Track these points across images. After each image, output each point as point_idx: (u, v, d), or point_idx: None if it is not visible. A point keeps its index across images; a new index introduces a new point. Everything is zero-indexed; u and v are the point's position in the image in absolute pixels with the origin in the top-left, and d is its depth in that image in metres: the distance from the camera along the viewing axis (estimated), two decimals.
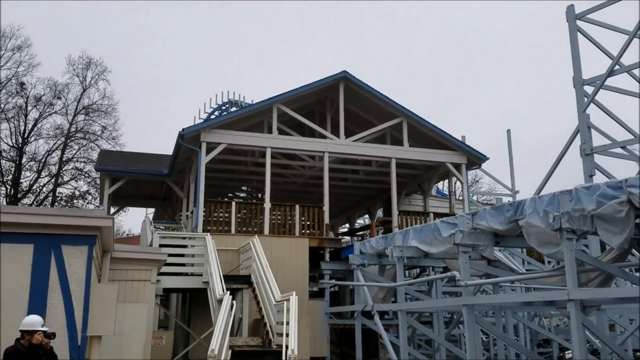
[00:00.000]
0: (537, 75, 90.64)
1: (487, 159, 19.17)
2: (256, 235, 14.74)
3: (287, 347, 9.10)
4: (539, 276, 9.64)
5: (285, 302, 10.62)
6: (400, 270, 12.07)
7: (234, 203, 16.72)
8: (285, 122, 18.61)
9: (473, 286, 9.68)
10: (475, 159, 19.23)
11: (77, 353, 6.72)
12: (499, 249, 12.74)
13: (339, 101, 18.25)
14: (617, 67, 12.82)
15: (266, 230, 16.37)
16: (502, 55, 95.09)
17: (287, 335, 9.52)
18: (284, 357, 8.99)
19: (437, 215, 18.53)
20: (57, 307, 6.81)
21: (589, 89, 13.07)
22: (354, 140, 18.21)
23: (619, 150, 12.55)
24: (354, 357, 17.12)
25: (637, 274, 13.20)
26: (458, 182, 24.54)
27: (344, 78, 18.01)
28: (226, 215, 16.66)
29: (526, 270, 15.01)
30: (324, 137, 18.20)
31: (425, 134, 19.15)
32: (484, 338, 17.78)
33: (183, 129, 16.26)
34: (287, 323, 9.88)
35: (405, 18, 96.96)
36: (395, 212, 18.51)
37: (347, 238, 25.23)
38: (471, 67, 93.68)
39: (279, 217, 16.95)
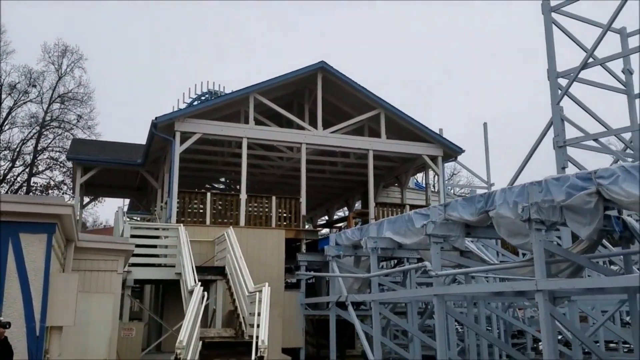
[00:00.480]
0: (519, 68, 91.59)
1: (463, 151, 19.25)
2: (231, 227, 14.57)
3: (257, 337, 9.00)
4: (509, 267, 9.68)
5: (257, 293, 10.51)
6: (374, 261, 12.04)
7: (209, 194, 16.50)
8: (263, 113, 18.41)
9: (444, 276, 9.67)
10: (452, 152, 19.29)
11: (35, 343, 6.51)
12: (471, 240, 12.80)
13: (316, 92, 18.11)
14: (591, 60, 12.91)
15: (242, 222, 16.21)
16: (483, 49, 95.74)
17: (259, 326, 9.42)
18: (254, 348, 8.89)
19: (414, 207, 18.51)
20: (14, 297, 6.59)
21: (564, 82, 13.13)
22: (331, 132, 18.11)
23: (591, 142, 12.65)
24: (325, 347, 17.13)
25: (607, 265, 13.40)
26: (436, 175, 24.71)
27: (322, 69, 17.86)
28: (201, 206, 16.44)
29: (500, 262, 15.15)
30: (302, 128, 18.06)
31: (403, 126, 19.14)
32: (459, 328, 17.91)
33: (156, 118, 15.96)
34: (259, 314, 9.77)
35: (386, 11, 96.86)
36: (372, 204, 18.50)
37: (326, 230, 25.21)
38: (451, 62, 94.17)
39: (255, 209, 16.79)
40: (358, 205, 25.38)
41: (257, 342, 8.87)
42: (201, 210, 16.44)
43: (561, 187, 8.16)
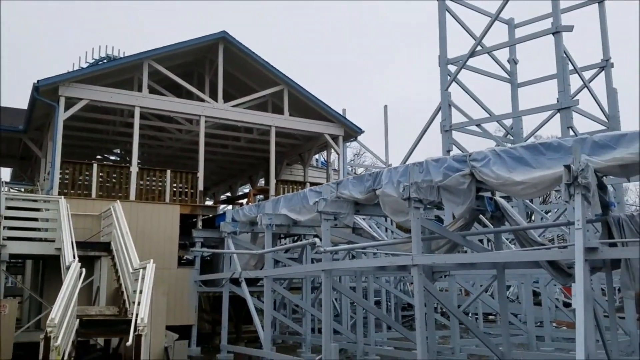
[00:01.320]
0: (425, 55, 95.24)
1: (363, 131, 19.70)
2: (118, 201, 13.82)
3: (137, 315, 8.65)
4: (393, 242, 10.09)
5: (141, 270, 10.08)
6: (268, 238, 12.01)
7: (95, 165, 15.49)
8: (160, 82, 17.53)
9: (332, 252, 9.87)
10: (352, 132, 19.67)
11: None
12: (363, 218, 13.20)
13: (217, 63, 17.52)
14: (479, 48, 13.64)
15: (132, 196, 15.43)
16: (394, 36, 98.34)
17: (140, 303, 9.05)
18: (132, 326, 8.53)
19: (315, 185, 18.74)
20: None
21: (455, 69, 13.79)
22: (232, 106, 17.66)
23: (475, 128, 13.45)
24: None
25: (479, 242, 14.39)
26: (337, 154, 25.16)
27: (224, 39, 17.29)
28: (87, 178, 15.41)
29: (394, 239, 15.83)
30: (201, 100, 17.43)
31: (306, 105, 19.15)
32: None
33: (38, 81, 14.60)
34: (141, 291, 9.39)
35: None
36: (272, 181, 18.44)
37: (230, 207, 24.81)
38: (363, 46, 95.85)
39: (148, 183, 16.05)
40: (262, 182, 25.23)
41: (136, 320, 8.52)
42: (87, 183, 15.42)
43: (439, 169, 8.58)
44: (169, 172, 16.16)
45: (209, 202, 27.46)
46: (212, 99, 17.53)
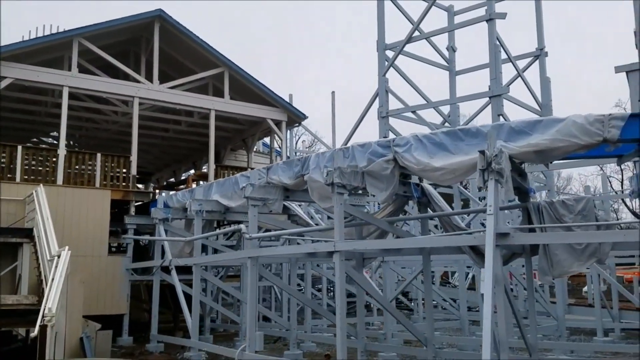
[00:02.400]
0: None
1: (306, 117, 19.48)
2: (41, 185, 13.09)
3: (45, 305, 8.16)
4: (321, 229, 9.96)
5: (56, 257, 9.54)
6: (198, 225, 11.65)
7: (19, 147, 14.60)
8: (94, 62, 16.68)
9: (258, 239, 9.64)
10: (296, 117, 19.41)
11: None
12: (299, 204, 13.03)
13: (153, 43, 16.82)
14: (417, 34, 13.59)
15: (60, 180, 14.67)
16: (349, 22, 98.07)
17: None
18: (40, 316, 8.05)
19: None
20: None
21: (392, 55, 13.70)
22: (169, 87, 17.02)
23: (411, 114, 13.44)
24: (163, 313, 16.55)
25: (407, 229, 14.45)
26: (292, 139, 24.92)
27: (160, 17, 16.58)
28: (10, 160, 14.53)
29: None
30: (136, 81, 16.71)
31: (249, 89, 18.72)
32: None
33: None
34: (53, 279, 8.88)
35: None
36: (212, 166, 17.99)
37: (172, 192, 24.11)
38: (320, 31, 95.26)
39: (77, 166, 15.29)
40: (206, 167, 24.66)
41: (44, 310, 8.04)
42: (12, 166, 14.55)
43: (364, 154, 8.47)
44: (99, 155, 15.45)
45: (150, 188, 26.72)
46: (147, 80, 16.84)
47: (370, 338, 13.98)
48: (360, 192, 9.31)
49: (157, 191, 23.49)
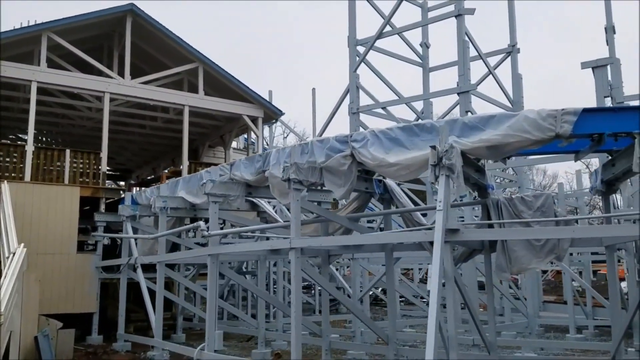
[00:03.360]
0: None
1: (283, 113, 19.35)
2: (6, 182, 12.85)
3: None
4: (278, 226, 9.83)
5: (11, 255, 9.34)
6: (162, 222, 11.47)
7: None
8: (66, 57, 16.39)
9: (219, 236, 9.49)
10: (272, 113, 19.26)
11: None
12: (268, 201, 12.87)
13: (125, 38, 16.57)
14: (389, 29, 13.48)
15: (27, 177, 14.42)
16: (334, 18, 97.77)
17: None
18: None
19: None
20: None
21: (364, 51, 13.58)
22: (141, 82, 16.78)
23: (382, 111, 13.35)
24: (136, 312, 16.34)
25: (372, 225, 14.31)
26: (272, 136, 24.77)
27: (131, 12, 16.32)
28: None
29: None
30: (108, 76, 16.45)
31: (225, 84, 18.53)
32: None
33: None
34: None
35: None
36: (185, 162, 17.80)
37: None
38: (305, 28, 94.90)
39: (45, 163, 15.02)
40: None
41: None
42: None
43: (322, 149, 8.33)
44: (68, 152, 15.19)
45: (133, 184, 26.43)
46: (119, 75, 16.60)
47: (343, 336, 13.90)
48: (319, 188, 9.17)
49: (135, 189, 23.22)
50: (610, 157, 7.45)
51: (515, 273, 8.19)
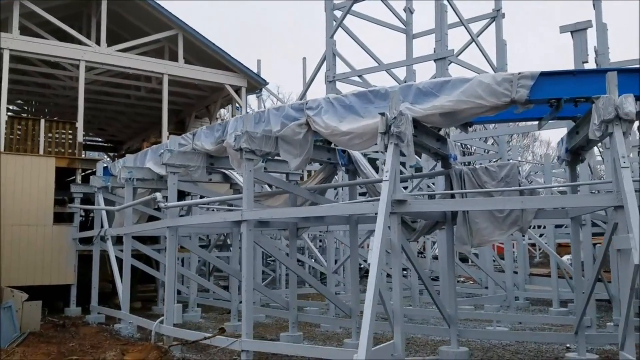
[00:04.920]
0: None
1: (267, 83, 18.92)
2: None
3: None
4: (236, 198, 9.52)
5: None
6: (128, 193, 11.22)
7: None
8: (43, 25, 15.92)
9: (177, 208, 9.23)
10: (256, 83, 18.79)
11: None
12: (240, 173, 12.57)
13: (102, 4, 16.06)
14: None
15: (1, 147, 14.17)
16: None
17: None
18: None
19: None
20: None
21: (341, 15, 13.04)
22: (118, 50, 16.33)
23: (361, 80, 12.89)
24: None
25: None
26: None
27: None
28: None
29: None
30: (83, 43, 16.00)
31: (206, 53, 18.03)
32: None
33: None
34: None
35: None
36: (165, 133, 17.50)
37: None
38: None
39: (19, 133, 14.75)
40: None
41: None
42: None
43: (278, 118, 8.00)
44: (42, 121, 14.90)
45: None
46: (96, 43, 16.15)
47: (323, 309, 13.75)
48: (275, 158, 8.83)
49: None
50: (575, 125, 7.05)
51: (476, 245, 7.90)
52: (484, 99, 6.17)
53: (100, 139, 29.86)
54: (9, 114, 15.64)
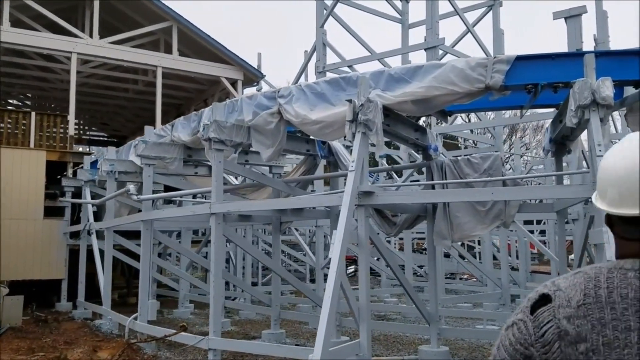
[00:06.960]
0: None
1: (264, 76, 18.58)
2: None
3: None
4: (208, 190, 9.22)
5: None
6: (110, 186, 11.00)
7: None
8: (37, 19, 15.82)
9: (151, 201, 8.97)
10: (253, 76, 18.50)
11: None
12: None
13: None
14: None
15: None
16: None
17: None
18: None
19: None
20: None
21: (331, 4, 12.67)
22: (111, 42, 16.13)
23: (347, 68, 12.51)
24: (118, 279, 16.17)
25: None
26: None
27: None
28: None
29: None
30: (76, 35, 15.84)
31: (202, 45, 17.80)
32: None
33: None
34: None
35: None
36: (159, 126, 17.19)
37: None
38: None
39: (10, 126, 14.65)
40: None
41: None
42: None
43: (251, 107, 7.69)
44: (33, 114, 14.76)
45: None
46: (89, 35, 15.98)
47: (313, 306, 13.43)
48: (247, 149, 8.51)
49: None
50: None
51: (457, 240, 7.53)
52: (457, 84, 5.79)
53: (104, 134, 29.88)
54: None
